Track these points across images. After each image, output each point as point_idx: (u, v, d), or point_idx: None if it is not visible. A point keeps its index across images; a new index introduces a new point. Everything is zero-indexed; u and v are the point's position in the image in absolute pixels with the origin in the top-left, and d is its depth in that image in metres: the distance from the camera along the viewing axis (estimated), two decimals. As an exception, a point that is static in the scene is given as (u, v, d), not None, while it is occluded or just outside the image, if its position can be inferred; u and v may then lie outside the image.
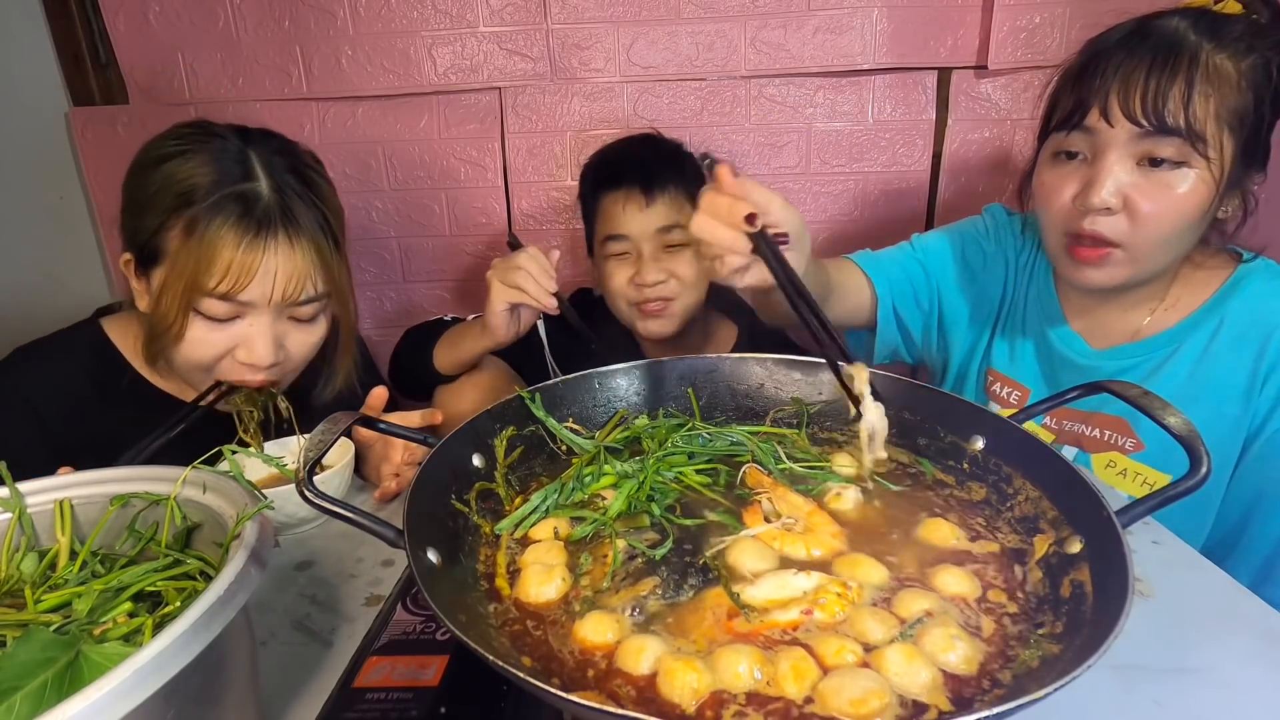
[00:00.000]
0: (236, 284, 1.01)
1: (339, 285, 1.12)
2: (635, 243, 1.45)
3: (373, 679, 0.67)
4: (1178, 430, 0.67)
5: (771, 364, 0.96)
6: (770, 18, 1.69)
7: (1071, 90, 1.02)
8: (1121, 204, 0.99)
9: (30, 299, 1.74)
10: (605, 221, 1.48)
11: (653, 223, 1.44)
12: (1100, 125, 0.98)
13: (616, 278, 1.48)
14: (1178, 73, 0.94)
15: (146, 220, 1.04)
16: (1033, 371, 1.25)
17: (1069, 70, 1.05)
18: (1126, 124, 0.96)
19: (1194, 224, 1.00)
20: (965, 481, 0.81)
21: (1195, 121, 0.94)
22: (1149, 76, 0.94)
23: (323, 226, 1.07)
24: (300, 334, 1.11)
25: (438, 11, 1.70)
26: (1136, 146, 0.97)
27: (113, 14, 1.70)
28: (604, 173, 1.51)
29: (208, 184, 1.01)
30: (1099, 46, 1.01)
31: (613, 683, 0.57)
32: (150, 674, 0.45)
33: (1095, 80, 0.98)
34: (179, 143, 1.05)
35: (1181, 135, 0.94)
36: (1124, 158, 0.98)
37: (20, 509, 0.69)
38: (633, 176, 1.45)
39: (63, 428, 1.11)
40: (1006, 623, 0.62)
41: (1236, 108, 0.95)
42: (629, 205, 1.44)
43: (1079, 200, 1.01)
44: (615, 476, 0.81)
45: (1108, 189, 0.98)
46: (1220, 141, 0.95)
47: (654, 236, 1.44)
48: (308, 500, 0.61)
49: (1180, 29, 0.97)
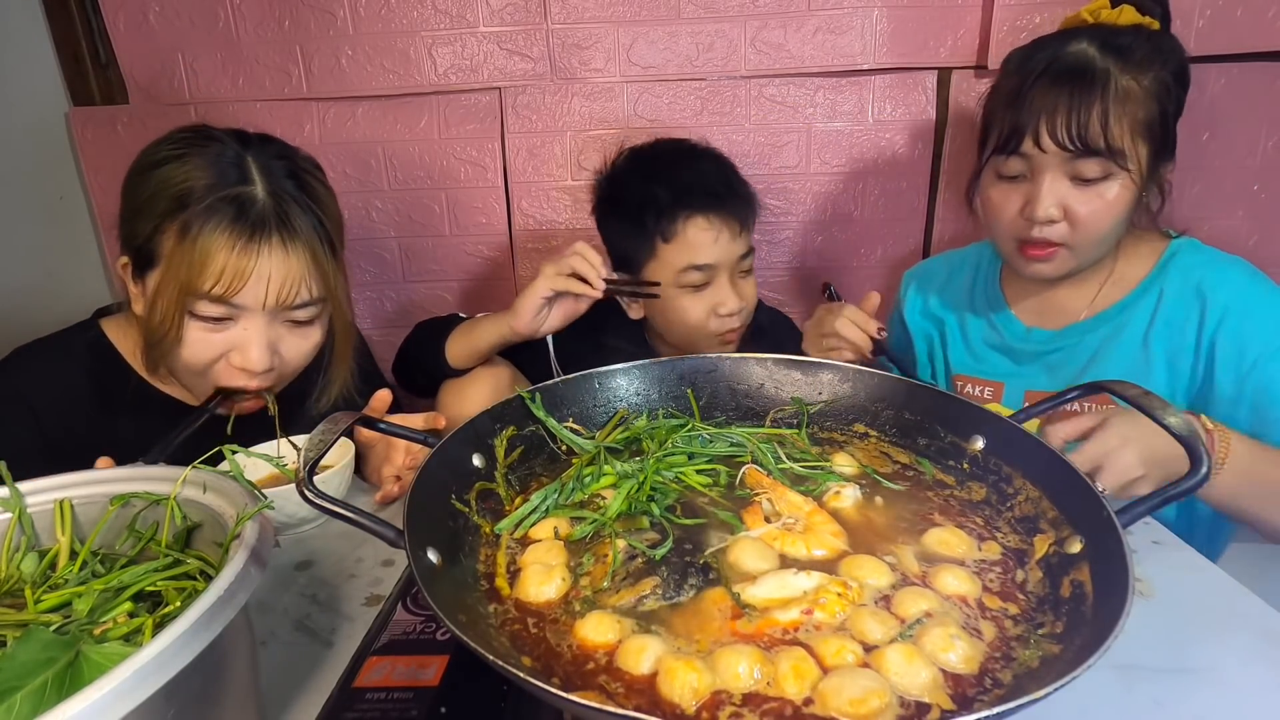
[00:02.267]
0: (230, 287, 1.01)
1: (334, 291, 1.11)
2: (718, 272, 1.40)
3: (373, 679, 0.67)
4: (1178, 430, 0.67)
5: (771, 364, 0.96)
6: (770, 18, 1.68)
7: (1005, 117, 1.15)
8: (1062, 213, 1.14)
9: (30, 299, 1.74)
10: (688, 249, 1.38)
11: (738, 250, 1.40)
12: (1034, 150, 1.12)
13: (695, 311, 1.41)
14: (1094, 101, 1.08)
15: (142, 224, 1.03)
16: (996, 365, 1.37)
17: (999, 94, 1.18)
18: (1055, 149, 1.10)
19: (1124, 218, 1.16)
20: (965, 481, 0.81)
21: (1114, 141, 1.09)
22: (1071, 107, 1.09)
23: (318, 231, 1.07)
24: (295, 339, 1.11)
25: (438, 11, 1.70)
26: (1067, 165, 1.12)
27: (113, 14, 1.70)
28: (691, 197, 1.39)
29: (203, 187, 1.01)
30: (1026, 72, 1.13)
31: (599, 678, 0.57)
32: (150, 674, 0.45)
33: (1024, 111, 1.12)
34: (176, 147, 1.04)
35: (1104, 155, 1.09)
36: (1058, 175, 1.13)
37: (20, 509, 0.69)
38: (723, 203, 1.39)
39: (60, 428, 1.11)
40: (1007, 623, 0.62)
41: (1145, 119, 1.11)
42: (722, 235, 1.38)
43: (1025, 213, 1.16)
44: (615, 476, 0.81)
45: (1048, 204, 1.13)
46: (1136, 151, 1.11)
47: (735, 263, 1.41)
48: (308, 500, 0.61)
49: (1091, 56, 1.11)
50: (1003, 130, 1.14)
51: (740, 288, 1.43)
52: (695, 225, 1.37)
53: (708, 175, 1.42)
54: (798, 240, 1.85)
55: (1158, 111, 1.11)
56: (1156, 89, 1.11)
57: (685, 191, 1.39)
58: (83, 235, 1.88)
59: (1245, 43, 1.59)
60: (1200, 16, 1.58)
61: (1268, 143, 1.66)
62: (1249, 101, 1.63)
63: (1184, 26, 1.58)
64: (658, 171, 1.43)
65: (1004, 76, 1.19)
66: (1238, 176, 1.69)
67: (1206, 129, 1.66)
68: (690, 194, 1.38)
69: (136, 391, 1.16)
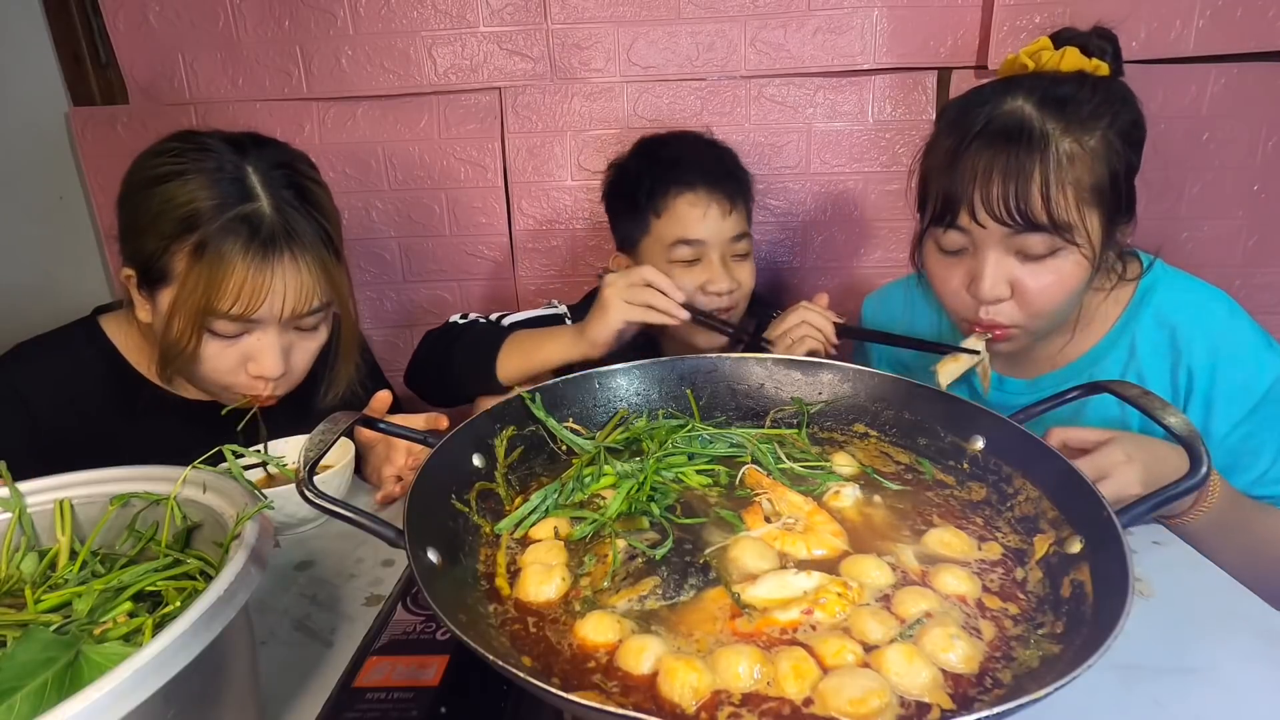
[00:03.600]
0: (249, 306, 1.03)
1: (340, 293, 1.13)
2: (708, 250, 1.41)
3: (373, 679, 0.67)
4: (1177, 430, 0.67)
5: (771, 364, 0.96)
6: (770, 18, 1.69)
7: (939, 186, 1.04)
8: (1009, 290, 1.03)
9: (30, 299, 1.74)
10: (677, 224, 1.40)
11: (730, 230, 1.40)
12: (972, 225, 1.01)
13: (685, 287, 1.37)
14: (1033, 170, 0.96)
15: (149, 242, 1.04)
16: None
17: (934, 154, 1.07)
18: (995, 224, 0.99)
19: (1081, 289, 1.04)
20: (965, 481, 0.81)
21: (1058, 214, 0.97)
22: (1007, 179, 0.97)
23: (323, 238, 1.08)
24: (305, 342, 1.13)
25: (438, 11, 1.70)
26: (1010, 241, 1.01)
27: (113, 14, 1.70)
28: (680, 166, 1.43)
29: (210, 207, 1.02)
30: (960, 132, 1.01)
31: (599, 678, 0.57)
32: (150, 674, 0.45)
33: (959, 181, 1.00)
34: (174, 161, 1.04)
35: (1048, 230, 0.97)
36: (1001, 251, 1.02)
37: (20, 509, 0.69)
38: (716, 183, 1.40)
39: (58, 425, 1.11)
40: (1007, 623, 0.62)
41: (1094, 184, 0.98)
42: (710, 211, 1.39)
43: (971, 291, 1.06)
44: (615, 476, 0.81)
45: (993, 284, 1.02)
46: (1086, 221, 0.99)
47: (726, 244, 1.41)
48: (308, 500, 0.61)
49: (1028, 116, 0.98)
50: (938, 201, 1.04)
51: (733, 269, 1.42)
52: (685, 200, 1.40)
53: (701, 154, 1.45)
54: (798, 240, 1.85)
55: (1107, 173, 0.99)
56: (1105, 149, 0.99)
57: (675, 166, 1.42)
58: (83, 235, 1.88)
59: (1245, 43, 1.59)
60: (1200, 16, 1.58)
61: (1268, 143, 1.66)
62: (1249, 101, 1.64)
63: (1184, 27, 1.59)
64: (655, 151, 1.48)
65: (939, 133, 1.08)
66: (1238, 176, 1.69)
67: (1206, 129, 1.66)
68: (680, 169, 1.42)
69: (135, 389, 1.16)
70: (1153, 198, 1.69)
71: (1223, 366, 1.07)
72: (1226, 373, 1.07)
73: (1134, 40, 1.59)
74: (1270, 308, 1.76)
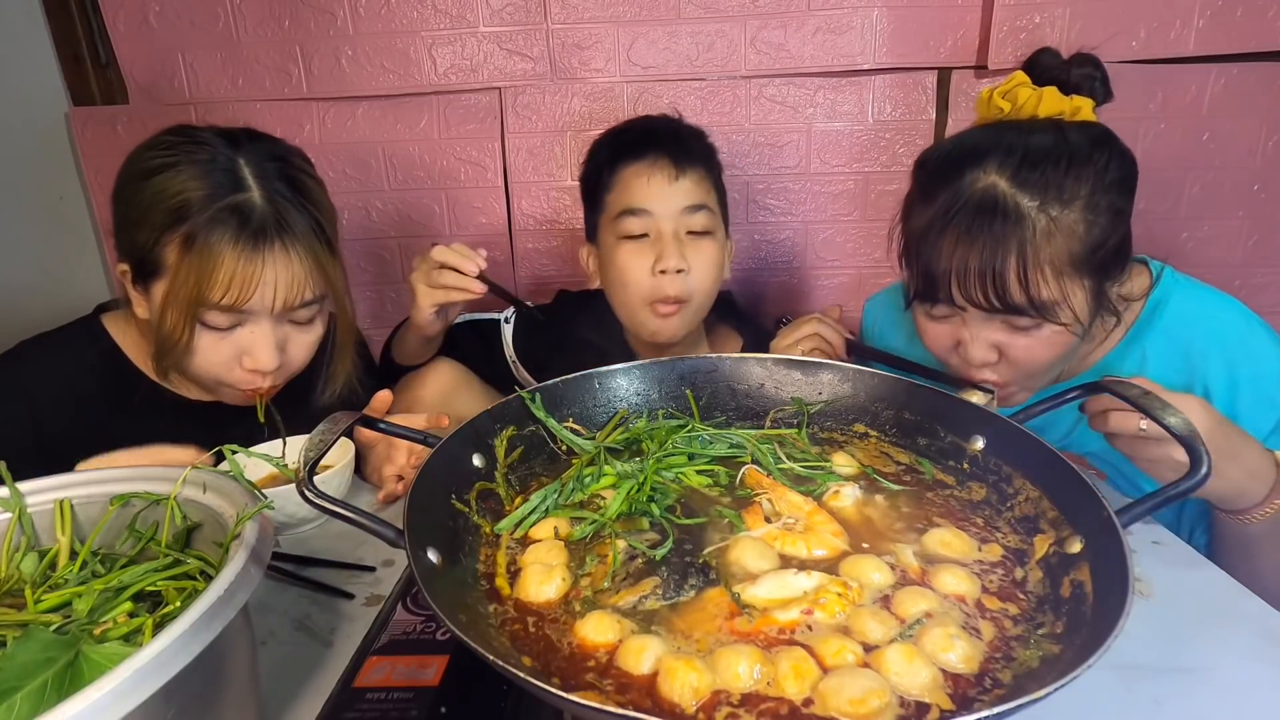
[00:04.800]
0: (240, 296, 1.02)
1: (335, 287, 1.12)
2: (657, 222, 1.32)
3: (373, 679, 0.67)
4: (1178, 430, 0.67)
5: (771, 364, 0.96)
6: (770, 18, 1.68)
7: (919, 264, 1.02)
8: (997, 354, 1.02)
9: (30, 299, 1.74)
10: (624, 194, 1.34)
11: (680, 200, 1.32)
12: (953, 304, 1.00)
13: (634, 268, 1.33)
14: (1009, 253, 0.93)
15: (141, 235, 1.04)
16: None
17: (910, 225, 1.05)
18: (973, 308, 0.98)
19: (1071, 348, 1.02)
20: (965, 481, 0.81)
21: (1038, 295, 0.94)
22: (984, 264, 0.94)
23: (316, 231, 1.08)
24: (300, 336, 1.13)
25: (438, 11, 1.70)
26: (993, 315, 0.99)
27: (113, 14, 1.70)
28: (626, 140, 1.38)
29: (200, 198, 1.01)
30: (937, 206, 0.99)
31: (599, 678, 0.57)
32: (150, 674, 0.45)
33: (936, 263, 0.98)
34: (167, 154, 1.04)
35: (1027, 313, 0.95)
36: (986, 323, 1.00)
37: (20, 509, 0.69)
38: (660, 147, 1.33)
39: (59, 422, 1.11)
40: (1006, 623, 0.62)
41: (1080, 253, 0.95)
42: (655, 177, 1.32)
43: (961, 352, 1.04)
44: (615, 477, 0.81)
45: (980, 351, 1.01)
46: (1069, 294, 0.96)
47: (678, 216, 1.32)
48: (308, 500, 0.61)
49: (1002, 194, 0.94)
50: (919, 279, 1.03)
51: (687, 247, 1.33)
52: (630, 170, 1.35)
53: (653, 125, 1.40)
54: (798, 240, 1.85)
55: (1095, 238, 0.95)
56: (1085, 218, 0.94)
57: (621, 138, 1.40)
58: (83, 235, 1.88)
59: (1245, 43, 1.59)
60: (1200, 16, 1.57)
61: (1268, 143, 1.66)
62: (1249, 101, 1.63)
63: (1184, 27, 1.59)
64: (613, 132, 1.44)
65: (914, 195, 1.06)
66: (1238, 176, 1.69)
67: (1206, 129, 1.66)
68: (625, 140, 1.39)
69: (135, 387, 1.16)
70: (1153, 198, 1.69)
71: (1243, 382, 1.04)
72: (1248, 387, 1.04)
73: (1134, 40, 1.59)
74: (1270, 308, 1.76)
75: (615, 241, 1.35)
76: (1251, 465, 0.89)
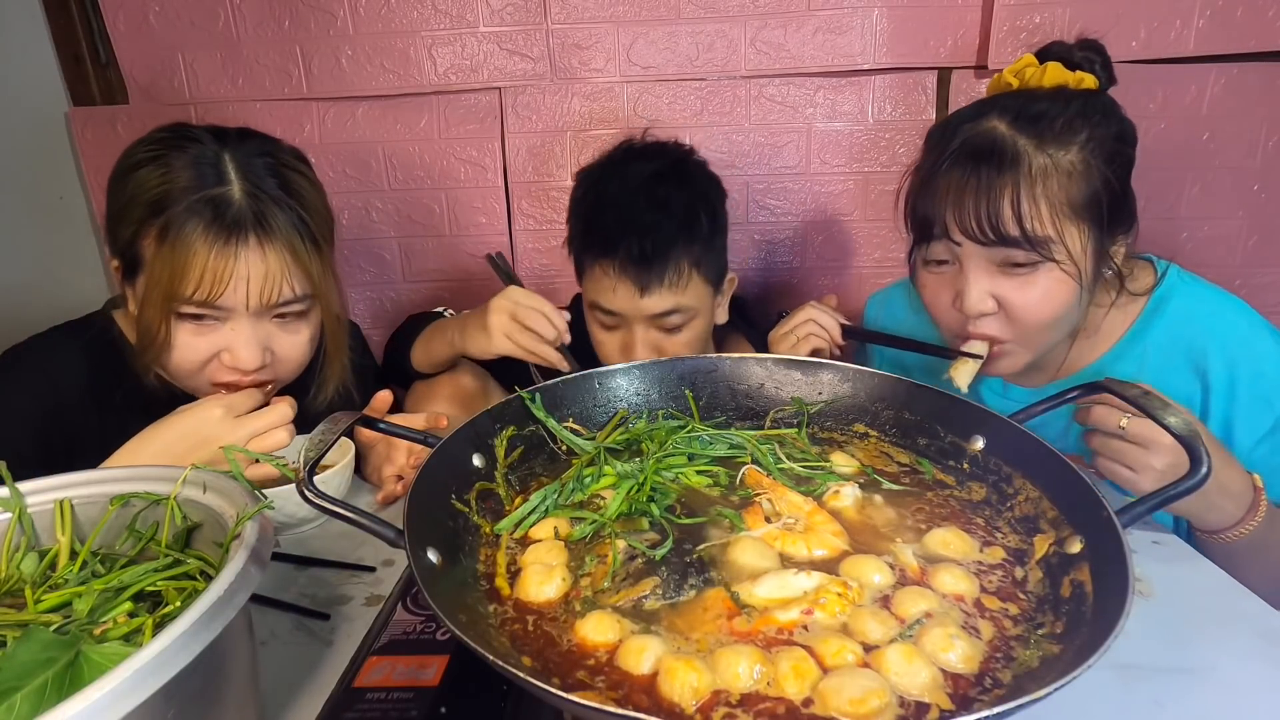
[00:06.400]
0: (211, 291, 1.00)
1: (320, 286, 1.09)
2: (626, 320, 1.31)
3: (373, 679, 0.67)
4: (1178, 430, 0.67)
5: (771, 364, 0.96)
6: (770, 18, 1.68)
7: (917, 205, 1.06)
8: (995, 304, 1.03)
9: (30, 299, 1.74)
10: (592, 287, 1.31)
11: (648, 309, 1.27)
12: (950, 241, 1.02)
13: (608, 347, 1.34)
14: (1005, 186, 0.96)
15: (124, 229, 1.03)
16: None
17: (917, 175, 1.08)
18: (968, 241, 1.00)
19: (1070, 305, 1.02)
20: (965, 481, 0.81)
21: (1032, 229, 0.96)
22: (979, 195, 0.97)
23: (298, 227, 1.05)
24: (287, 335, 1.10)
25: (438, 11, 1.70)
26: (991, 255, 1.00)
27: (113, 14, 1.70)
28: (597, 235, 1.28)
29: (179, 190, 1.00)
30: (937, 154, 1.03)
31: (599, 678, 0.57)
32: (150, 674, 0.45)
33: (934, 200, 1.02)
34: (154, 148, 1.04)
35: (1021, 246, 0.97)
36: (984, 265, 1.02)
37: (20, 509, 0.69)
38: (629, 253, 1.23)
39: (66, 417, 1.11)
40: (1006, 623, 0.62)
41: (1077, 197, 0.97)
42: (621, 288, 1.26)
43: (956, 305, 1.05)
44: (615, 477, 0.81)
45: (977, 298, 1.02)
46: (1066, 236, 0.98)
47: (646, 320, 1.30)
48: (308, 500, 0.61)
49: (1001, 134, 0.99)
50: (917, 219, 1.06)
51: (657, 341, 1.30)
52: (599, 267, 1.29)
53: (629, 219, 1.26)
54: (798, 240, 1.85)
55: (1088, 188, 0.98)
56: (1083, 163, 0.97)
57: (592, 230, 1.30)
58: (83, 235, 1.88)
59: (1245, 43, 1.59)
60: (1200, 16, 1.58)
61: (1268, 143, 1.66)
62: (1249, 101, 1.63)
63: (1184, 27, 1.59)
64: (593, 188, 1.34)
65: (923, 154, 1.09)
66: (1238, 176, 1.69)
67: (1206, 129, 1.66)
68: (593, 236, 1.30)
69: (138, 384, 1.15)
70: (1153, 198, 1.69)
71: (1242, 381, 1.04)
72: (1247, 387, 1.04)
73: (1134, 40, 1.59)
74: (1271, 308, 1.75)
75: (590, 315, 1.35)
76: (1231, 487, 0.92)
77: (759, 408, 0.95)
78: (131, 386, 1.14)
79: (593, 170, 1.38)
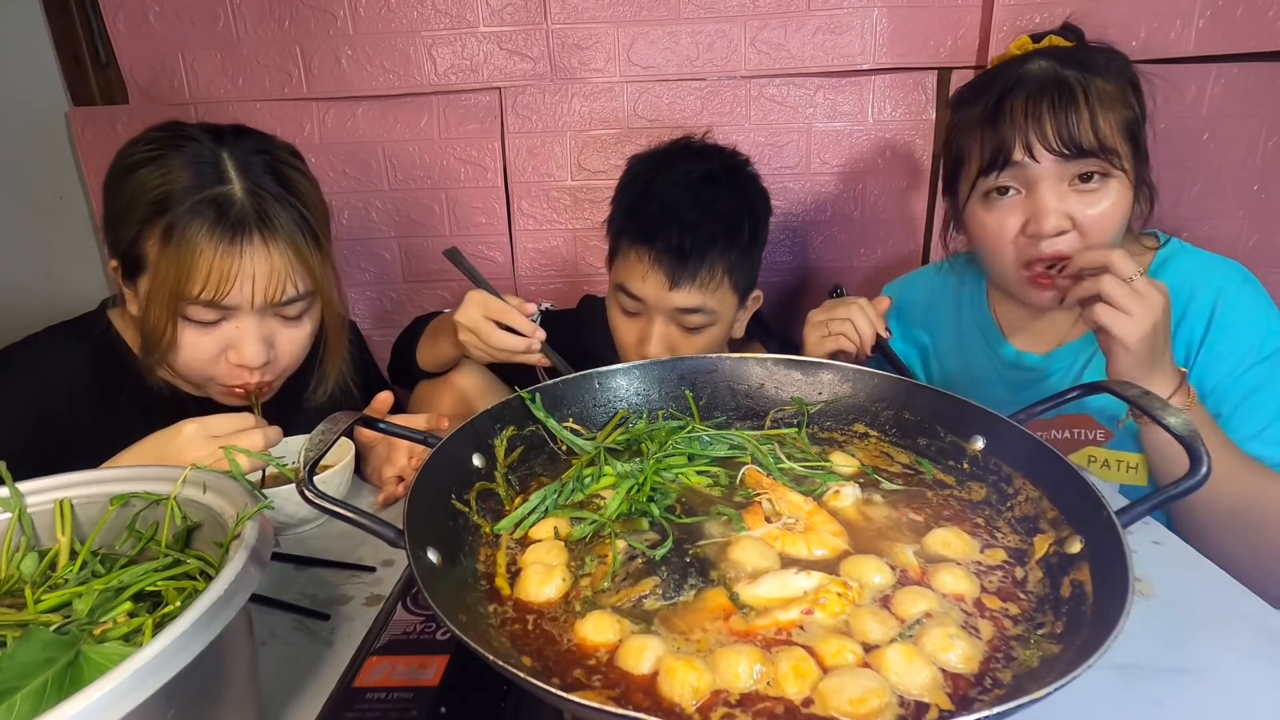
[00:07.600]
0: (218, 290, 1.01)
1: (322, 283, 1.10)
2: (648, 308, 1.31)
3: (373, 679, 0.67)
4: (1178, 429, 0.67)
5: (771, 364, 0.96)
6: (770, 18, 1.68)
7: (986, 136, 1.11)
8: (1070, 222, 1.09)
9: (29, 298, 1.74)
10: (623, 269, 1.32)
11: (674, 302, 1.29)
12: (1027, 160, 1.08)
13: (624, 331, 1.36)
14: (1078, 103, 1.06)
15: (125, 229, 1.03)
16: (988, 394, 1.31)
17: (968, 121, 1.15)
18: (1049, 156, 1.07)
19: (1126, 220, 1.12)
20: (965, 481, 0.81)
21: (1106, 140, 1.07)
22: (1055, 111, 1.06)
23: (300, 225, 1.06)
24: (289, 331, 1.11)
25: (438, 11, 1.70)
26: (1064, 171, 1.08)
27: (113, 14, 1.70)
28: (638, 220, 1.29)
29: (180, 191, 1.00)
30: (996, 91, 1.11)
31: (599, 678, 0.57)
32: (150, 674, 0.45)
33: (1007, 125, 1.09)
34: (151, 148, 1.04)
35: (1098, 155, 1.06)
36: (1056, 184, 1.09)
37: (20, 509, 0.69)
38: (667, 243, 1.25)
39: (64, 416, 1.11)
40: (1006, 623, 0.62)
41: (1125, 119, 1.10)
42: (651, 277, 1.27)
43: (1029, 230, 1.11)
44: (615, 477, 0.81)
45: (1055, 214, 1.08)
46: (1124, 150, 1.09)
47: (669, 314, 1.31)
48: (308, 500, 0.61)
49: (1056, 69, 1.09)
50: (985, 150, 1.11)
51: (674, 338, 1.32)
52: (634, 253, 1.30)
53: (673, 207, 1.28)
54: (798, 240, 1.85)
55: (1134, 111, 1.11)
56: (1124, 91, 1.10)
57: (634, 215, 1.32)
58: (82, 235, 1.88)
59: (1245, 43, 1.59)
60: (1200, 16, 1.58)
61: (1268, 143, 1.66)
62: (1249, 101, 1.63)
63: (1184, 26, 1.59)
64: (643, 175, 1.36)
65: (966, 105, 1.16)
66: (1238, 176, 1.69)
67: (1206, 129, 1.66)
68: (634, 220, 1.31)
69: (136, 383, 1.16)
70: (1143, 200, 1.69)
71: (1221, 316, 1.11)
72: (1225, 324, 1.11)
73: (1134, 40, 1.59)
74: (1270, 308, 1.76)
75: (613, 298, 1.36)
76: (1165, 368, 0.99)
77: (759, 408, 0.95)
78: (133, 386, 1.15)
79: (645, 158, 1.40)
